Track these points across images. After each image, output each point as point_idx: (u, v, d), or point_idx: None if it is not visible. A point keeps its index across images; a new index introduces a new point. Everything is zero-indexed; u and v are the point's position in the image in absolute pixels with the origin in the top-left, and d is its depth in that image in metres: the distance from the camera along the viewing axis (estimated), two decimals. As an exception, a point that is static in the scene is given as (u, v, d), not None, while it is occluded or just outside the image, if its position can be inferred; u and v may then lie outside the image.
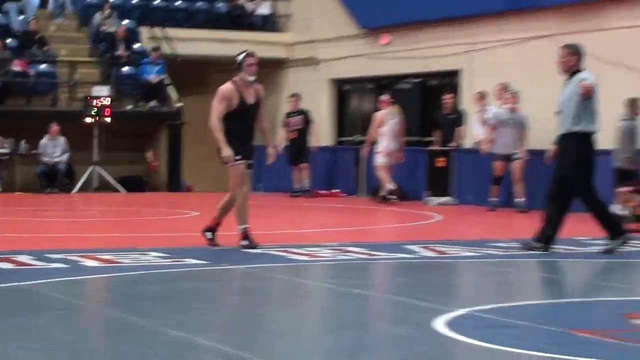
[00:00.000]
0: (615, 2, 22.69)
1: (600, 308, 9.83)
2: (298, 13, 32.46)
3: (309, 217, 19.50)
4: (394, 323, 8.67)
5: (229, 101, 13.27)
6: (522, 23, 24.89)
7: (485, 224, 19.02)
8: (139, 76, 29.39)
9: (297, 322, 9.35)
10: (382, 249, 14.05)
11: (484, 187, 23.32)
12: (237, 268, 12.03)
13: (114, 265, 11.84)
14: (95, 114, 27.16)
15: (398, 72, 28.88)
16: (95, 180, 27.58)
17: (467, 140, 24.61)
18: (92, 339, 8.06)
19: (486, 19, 25.79)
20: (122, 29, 29.94)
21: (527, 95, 22.04)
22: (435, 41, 27.19)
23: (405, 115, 27.12)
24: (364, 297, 10.77)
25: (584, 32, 23.01)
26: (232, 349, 7.26)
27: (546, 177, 21.45)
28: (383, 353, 7.46)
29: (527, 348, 7.39)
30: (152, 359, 6.98)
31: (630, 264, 13.23)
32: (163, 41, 29.99)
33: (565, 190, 13.77)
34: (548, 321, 8.57)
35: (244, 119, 13.44)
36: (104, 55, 30.07)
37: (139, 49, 30.12)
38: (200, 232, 13.77)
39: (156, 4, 31.82)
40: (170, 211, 21.85)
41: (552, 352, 7.22)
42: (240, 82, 13.49)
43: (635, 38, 20.40)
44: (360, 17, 29.66)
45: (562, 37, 23.49)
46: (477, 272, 12.71)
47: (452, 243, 14.99)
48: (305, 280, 11.50)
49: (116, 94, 28.54)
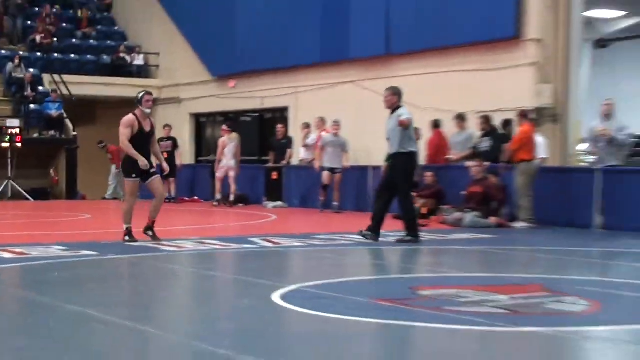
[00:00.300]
0: (399, 57, 23.00)
1: (395, 283, 9.98)
2: (165, 64, 32.18)
3: (176, 218, 19.34)
4: (243, 297, 8.70)
5: (131, 127, 13.16)
6: (332, 72, 25.07)
7: (309, 222, 19.13)
8: (43, 111, 28.73)
9: (170, 297, 9.33)
10: (232, 242, 14.01)
11: (307, 194, 23.49)
12: (122, 257, 11.91)
13: (24, 257, 11.60)
14: (9, 140, 26.66)
15: (242, 108, 28.83)
16: (9, 191, 27.05)
17: (294, 159, 24.71)
18: (3, 313, 7.96)
19: (306, 68, 25.92)
20: (29, 75, 29.34)
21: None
22: (269, 85, 27.25)
23: (247, 141, 27.28)
24: (219, 278, 10.82)
25: (377, 79, 23.34)
26: (117, 318, 7.24)
27: (358, 186, 21.88)
28: (236, 318, 7.54)
29: (339, 313, 7.53)
30: (50, 329, 6.93)
31: (419, 250, 13.42)
32: (61, 85, 29.47)
33: (390, 194, 14.14)
34: (356, 293, 8.70)
35: (141, 143, 13.32)
36: (15, 95, 29.41)
37: (42, 91, 29.51)
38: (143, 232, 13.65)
39: (55, 56, 31.26)
40: (69, 214, 21.48)
41: (357, 316, 7.34)
42: (139, 114, 13.31)
43: (415, 82, 20.68)
44: (212, 67, 29.60)
45: (362, 83, 23.96)
46: (304, 258, 12.77)
47: (284, 236, 15.02)
48: (175, 266, 11.46)
49: (25, 125, 27.92)
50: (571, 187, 17.67)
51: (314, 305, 7.94)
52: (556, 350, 6.31)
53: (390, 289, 9.29)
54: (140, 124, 13.28)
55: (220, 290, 9.80)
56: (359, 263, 12.41)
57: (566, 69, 20.60)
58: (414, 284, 9.48)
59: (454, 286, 9.27)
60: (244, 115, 29.30)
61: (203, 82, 29.87)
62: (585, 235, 16.05)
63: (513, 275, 10.62)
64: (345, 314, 7.49)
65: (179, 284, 10.41)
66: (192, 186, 27.46)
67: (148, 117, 13.50)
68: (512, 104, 19.48)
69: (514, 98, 19.98)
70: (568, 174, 18.46)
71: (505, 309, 7.75)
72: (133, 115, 13.35)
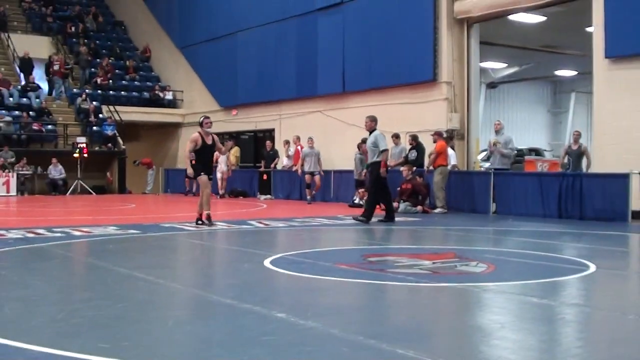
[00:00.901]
0: (352, 93, 22.98)
1: (351, 252, 9.93)
2: (187, 98, 31.92)
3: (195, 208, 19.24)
4: (242, 262, 8.59)
5: (195, 142, 13.01)
6: (305, 104, 25.00)
7: (290, 209, 19.04)
8: (102, 132, 28.56)
9: (190, 262, 9.24)
10: (235, 223, 13.95)
11: (288, 190, 23.42)
12: (157, 235, 11.78)
13: (89, 234, 11.50)
14: (79, 152, 26.52)
15: (241, 129, 28.65)
16: (78, 187, 26.84)
17: (279, 166, 24.62)
18: (74, 274, 7.84)
19: (287, 101, 25.80)
20: (92, 106, 29.13)
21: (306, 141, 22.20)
22: (261, 113, 27.13)
23: (245, 152, 27.42)
24: (226, 249, 10.71)
25: (337, 109, 23.37)
26: (153, 277, 7.15)
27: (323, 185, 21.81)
28: (238, 277, 7.44)
29: (312, 274, 7.47)
30: (107, 285, 6.84)
31: (368, 230, 13.39)
32: (114, 113, 29.29)
33: (385, 189, 14.49)
34: (323, 259, 8.64)
35: (204, 153, 13.22)
36: (82, 120, 29.18)
37: (101, 117, 29.32)
38: (197, 223, 13.34)
39: (110, 93, 31.01)
40: (120, 204, 21.34)
41: (325, 276, 7.29)
42: (202, 132, 13.19)
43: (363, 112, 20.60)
44: (220, 100, 29.41)
45: (326, 112, 23.89)
46: (286, 234, 12.68)
47: (273, 219, 14.96)
48: (194, 241, 11.35)
49: (89, 141, 27.68)
50: (473, 184, 17.70)
51: (294, 268, 7.88)
52: (464, 299, 6.29)
53: (348, 257, 9.22)
54: (203, 139, 13.11)
55: (226, 257, 9.69)
56: (326, 238, 12.35)
57: (468, 103, 20.71)
58: (365, 253, 9.46)
59: (393, 254, 9.24)
60: (243, 135, 29.11)
61: (214, 111, 29.62)
62: (483, 218, 16.06)
63: (433, 247, 10.60)
64: (316, 274, 7.43)
65: (197, 252, 10.30)
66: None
67: (210, 134, 13.29)
68: (432, 127, 19.53)
69: (432, 122, 20.05)
70: (470, 175, 18.48)
71: (429, 270, 7.70)
72: (198, 133, 13.21)
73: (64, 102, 30.55)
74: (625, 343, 4.79)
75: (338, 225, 13.86)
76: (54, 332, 4.93)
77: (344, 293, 6.70)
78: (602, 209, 15.12)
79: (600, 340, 4.95)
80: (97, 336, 4.72)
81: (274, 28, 26.23)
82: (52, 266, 8.13)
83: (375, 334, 4.75)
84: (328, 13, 23.84)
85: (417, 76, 20.95)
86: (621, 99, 16.35)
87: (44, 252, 9.12)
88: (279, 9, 25.99)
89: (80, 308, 5.69)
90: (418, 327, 5.15)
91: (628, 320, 5.47)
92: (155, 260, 8.93)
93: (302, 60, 24.96)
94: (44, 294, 6.49)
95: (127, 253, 9.56)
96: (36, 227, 12.28)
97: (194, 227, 12.95)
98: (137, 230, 12.18)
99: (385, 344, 4.49)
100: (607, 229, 13.01)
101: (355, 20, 22.77)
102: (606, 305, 6.20)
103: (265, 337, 4.68)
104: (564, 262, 8.43)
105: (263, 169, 24.79)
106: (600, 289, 7.18)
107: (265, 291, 6.64)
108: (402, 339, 4.66)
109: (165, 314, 5.63)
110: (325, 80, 23.86)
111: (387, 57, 21.57)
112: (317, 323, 5.07)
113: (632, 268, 8.94)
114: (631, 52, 16.10)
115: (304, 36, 24.83)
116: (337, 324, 5.06)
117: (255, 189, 24.83)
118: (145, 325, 5.15)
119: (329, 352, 4.39)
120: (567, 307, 5.90)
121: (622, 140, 16.20)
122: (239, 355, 4.25)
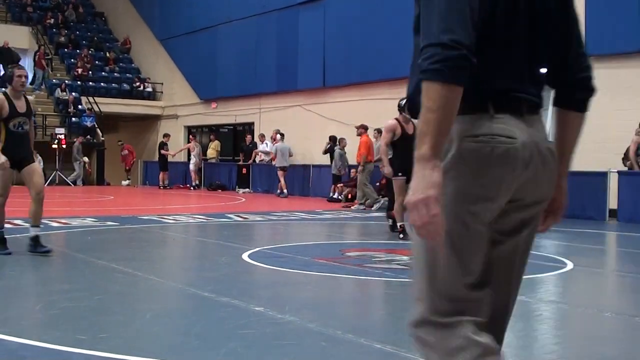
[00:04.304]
0: (332, 88, 22.93)
1: (329, 246, 9.91)
2: (166, 90, 31.72)
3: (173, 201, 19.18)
4: (221, 255, 8.55)
5: (392, 132, 10.26)
6: (285, 98, 24.89)
7: (269, 203, 19.01)
8: (81, 123, 28.37)
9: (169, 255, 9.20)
10: (213, 217, 13.91)
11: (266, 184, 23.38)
12: (135, 227, 11.70)
13: (67, 225, 11.43)
14: (57, 143, 26.32)
15: (221, 122, 28.56)
16: (57, 178, 26.59)
17: (257, 159, 24.56)
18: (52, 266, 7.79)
19: (267, 95, 25.70)
20: (71, 97, 28.91)
21: (288, 136, 22.18)
22: (241, 106, 27.00)
23: (225, 146, 27.30)
24: (204, 242, 10.67)
25: (317, 104, 23.33)
26: (131, 269, 7.11)
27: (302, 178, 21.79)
28: (216, 270, 7.40)
29: (289, 268, 7.45)
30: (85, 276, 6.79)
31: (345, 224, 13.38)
32: (94, 104, 29.06)
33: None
34: (301, 253, 8.62)
35: (404, 145, 9.90)
36: (61, 111, 28.96)
37: (80, 108, 29.09)
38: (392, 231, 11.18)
39: (90, 84, 30.74)
40: (98, 196, 21.21)
41: (302, 270, 7.28)
42: (402, 119, 10.35)
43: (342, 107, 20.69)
44: (200, 92, 29.25)
45: (306, 106, 23.83)
46: (264, 228, 12.67)
47: (250, 213, 14.93)
48: (173, 233, 11.31)
49: (68, 132, 27.49)
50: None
51: (272, 262, 7.87)
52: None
53: (326, 251, 9.22)
54: (403, 128, 10.31)
55: (205, 251, 9.64)
56: (303, 232, 12.33)
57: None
58: (343, 248, 9.45)
59: (371, 249, 9.25)
60: (222, 128, 29.02)
61: (193, 104, 29.62)
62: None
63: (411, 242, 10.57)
64: (294, 268, 7.42)
65: (175, 245, 10.25)
66: (187, 176, 27.11)
67: (411, 121, 10.20)
68: (411, 123, 19.52)
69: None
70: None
71: (406, 265, 7.70)
72: (395, 120, 10.45)
73: (44, 92, 30.31)
74: (601, 340, 4.83)
75: (317, 220, 13.85)
76: (31, 323, 4.89)
77: (322, 287, 6.69)
78: (580, 207, 15.22)
79: (577, 337, 4.98)
80: (74, 328, 4.69)
81: (255, 21, 26.13)
82: (29, 257, 8.06)
83: (353, 329, 4.75)
84: (309, 7, 23.78)
85: (397, 71, 20.94)
86: (600, 98, 16.28)
87: (20, 244, 9.02)
88: (260, 3, 25.87)
89: (57, 299, 5.64)
90: (396, 321, 5.15)
91: (604, 318, 5.52)
92: (133, 252, 8.87)
93: (282, 54, 24.88)
94: (21, 285, 6.43)
95: (105, 245, 9.48)
96: (13, 218, 12.16)
97: (172, 219, 12.85)
98: (115, 222, 12.10)
99: (363, 338, 4.49)
100: (585, 227, 13.09)
101: (336, 15, 22.73)
102: (583, 302, 6.25)
103: (243, 331, 4.67)
104: (542, 260, 8.47)
105: (242, 163, 24.74)
106: (577, 287, 7.23)
107: (243, 285, 6.61)
108: (380, 334, 4.66)
109: (143, 306, 5.60)
110: (305, 75, 23.80)
111: (368, 52, 21.54)
112: (295, 317, 5.06)
113: (609, 266, 9.02)
114: (611, 51, 16.19)
115: (285, 30, 24.75)
116: (315, 318, 5.06)
117: (234, 182, 24.78)
118: (123, 318, 5.12)
119: (307, 346, 4.38)
120: (544, 304, 5.93)
121: (600, 139, 16.31)
122: (217, 348, 4.23)
